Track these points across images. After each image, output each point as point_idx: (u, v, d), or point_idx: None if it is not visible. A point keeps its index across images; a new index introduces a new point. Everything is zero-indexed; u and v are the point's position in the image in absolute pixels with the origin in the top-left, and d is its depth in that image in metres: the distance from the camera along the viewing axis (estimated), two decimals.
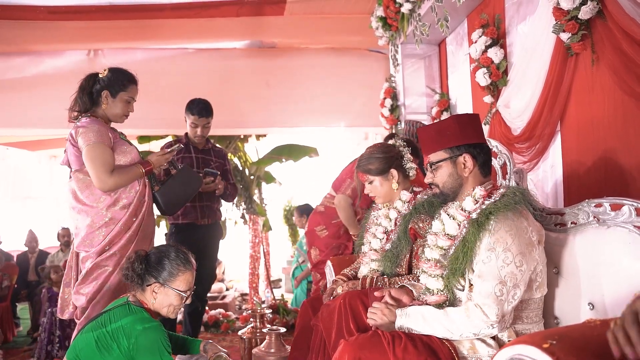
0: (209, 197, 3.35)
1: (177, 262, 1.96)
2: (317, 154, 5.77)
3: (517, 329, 1.64)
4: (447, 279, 1.67)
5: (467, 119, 1.77)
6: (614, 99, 2.02)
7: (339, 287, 2.25)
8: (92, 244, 2.33)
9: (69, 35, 4.49)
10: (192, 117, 3.30)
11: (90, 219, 2.33)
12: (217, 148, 3.56)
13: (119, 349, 1.79)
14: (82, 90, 2.43)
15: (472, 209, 1.68)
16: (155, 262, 1.95)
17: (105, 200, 2.34)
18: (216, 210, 3.46)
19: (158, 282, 1.93)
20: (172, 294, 1.94)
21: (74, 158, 2.37)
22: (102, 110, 2.45)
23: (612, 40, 1.89)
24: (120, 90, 2.44)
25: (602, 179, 2.11)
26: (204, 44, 4.98)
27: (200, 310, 3.56)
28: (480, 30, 2.90)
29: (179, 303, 1.97)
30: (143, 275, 1.94)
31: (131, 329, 1.80)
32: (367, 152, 2.30)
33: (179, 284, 1.95)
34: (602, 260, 1.60)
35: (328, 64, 5.06)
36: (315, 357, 2.12)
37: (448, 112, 3.78)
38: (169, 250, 1.99)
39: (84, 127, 2.33)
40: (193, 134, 3.35)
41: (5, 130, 4.98)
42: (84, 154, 2.30)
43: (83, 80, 2.47)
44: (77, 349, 1.85)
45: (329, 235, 3.34)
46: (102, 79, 2.44)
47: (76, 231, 2.41)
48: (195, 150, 3.37)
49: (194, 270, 2.03)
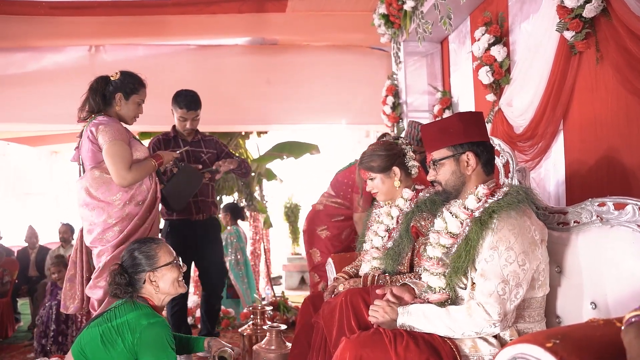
0: (202, 191, 3.27)
1: (146, 245, 2.00)
2: (319, 151, 5.76)
3: (519, 328, 1.63)
4: (449, 277, 1.66)
5: (470, 117, 1.77)
6: (617, 97, 2.02)
7: (340, 285, 2.24)
8: (109, 239, 2.39)
9: (70, 31, 4.48)
10: (180, 111, 3.19)
11: (107, 215, 2.39)
12: (207, 137, 3.42)
13: (124, 344, 1.81)
14: (94, 92, 2.49)
15: (475, 207, 1.67)
16: (130, 262, 1.99)
17: (122, 197, 2.40)
18: (211, 204, 3.38)
19: (146, 271, 1.96)
20: (165, 271, 1.98)
21: (90, 154, 2.42)
22: (115, 111, 2.52)
23: (617, 39, 1.88)
24: (132, 93, 2.53)
25: (605, 178, 2.10)
26: (205, 40, 4.97)
27: (216, 307, 3.56)
28: (483, 28, 2.89)
29: (177, 273, 2.01)
30: (132, 281, 1.96)
31: (136, 324, 1.82)
32: (369, 149, 2.30)
33: (163, 259, 1.99)
34: (605, 259, 1.60)
35: (330, 61, 5.04)
36: (316, 355, 2.12)
37: (450, 110, 3.78)
38: (133, 244, 2.05)
39: (104, 124, 2.40)
40: (182, 127, 3.23)
41: (5, 125, 4.98)
42: (104, 150, 2.37)
43: (94, 82, 2.52)
44: (82, 343, 1.87)
45: (330, 236, 3.27)
46: (114, 81, 2.50)
47: (90, 227, 2.43)
48: (184, 143, 3.25)
49: (163, 241, 2.08)
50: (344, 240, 3.28)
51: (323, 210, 3.34)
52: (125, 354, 1.81)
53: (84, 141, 2.44)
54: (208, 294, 3.52)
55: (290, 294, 5.69)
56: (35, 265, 5.58)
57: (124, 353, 1.81)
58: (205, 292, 3.53)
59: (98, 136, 2.38)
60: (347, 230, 3.26)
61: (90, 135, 2.40)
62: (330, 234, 3.28)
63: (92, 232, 2.42)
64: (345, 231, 3.27)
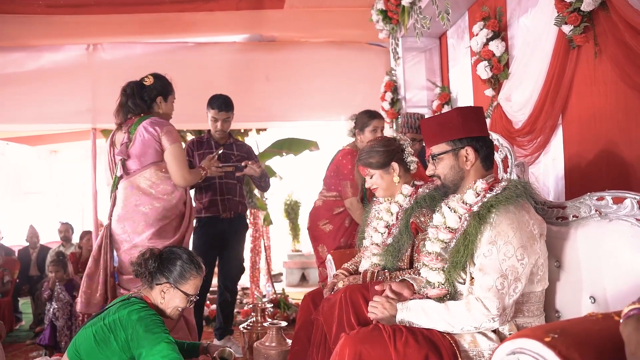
0: (230, 190, 3.47)
1: (190, 266, 1.97)
2: (318, 147, 5.76)
3: (518, 322, 1.64)
4: (448, 272, 1.67)
5: (470, 111, 1.76)
6: (616, 91, 2.01)
7: (340, 282, 2.25)
8: (166, 235, 2.55)
9: (68, 29, 4.47)
10: (212, 112, 3.42)
11: (164, 212, 2.56)
12: (239, 142, 3.67)
13: (117, 342, 1.80)
14: (132, 96, 2.64)
15: (473, 202, 1.67)
16: (168, 262, 1.97)
17: (176, 196, 2.59)
18: (239, 203, 3.55)
19: (169, 282, 1.94)
20: (180, 296, 1.96)
21: (152, 151, 2.55)
22: (157, 112, 2.68)
23: (615, 33, 1.88)
24: (169, 94, 2.73)
25: (604, 172, 2.10)
26: (203, 37, 4.95)
27: (230, 300, 3.68)
28: (482, 23, 2.88)
29: (183, 305, 1.99)
30: (154, 274, 1.95)
31: (127, 320, 1.81)
32: (367, 145, 2.29)
33: (188, 288, 1.97)
34: (603, 253, 1.60)
35: (328, 57, 5.03)
36: (316, 351, 2.12)
37: (449, 105, 3.77)
38: (183, 253, 2.01)
39: (167, 125, 2.58)
40: (214, 129, 3.46)
41: (4, 125, 4.96)
42: (168, 151, 2.53)
43: (128, 88, 2.67)
44: (76, 344, 1.86)
45: (334, 230, 3.31)
46: (151, 86, 2.66)
47: (145, 222, 2.53)
48: (216, 145, 3.47)
49: (203, 276, 2.04)
50: (347, 229, 3.31)
51: (322, 206, 3.41)
52: (118, 352, 1.80)
53: (140, 139, 2.54)
54: (224, 287, 3.67)
55: (290, 291, 5.70)
56: (36, 265, 5.60)
57: (117, 351, 1.80)
58: (222, 286, 3.68)
59: (162, 136, 2.53)
60: (349, 218, 3.30)
61: (155, 133, 2.53)
62: (333, 227, 3.34)
63: (148, 228, 2.53)
64: (347, 219, 3.30)
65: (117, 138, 2.70)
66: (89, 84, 4.65)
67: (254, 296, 5.39)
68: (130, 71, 4.82)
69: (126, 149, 2.58)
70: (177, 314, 2.00)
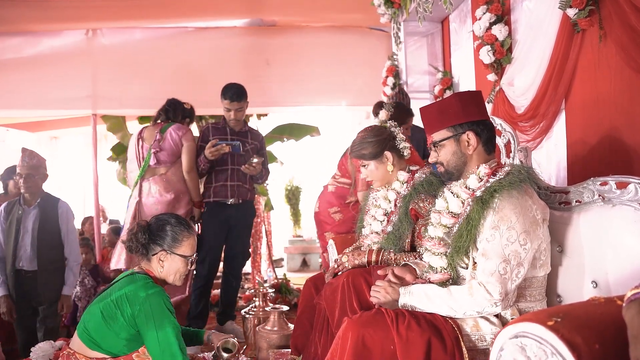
0: (239, 176, 3.52)
1: (180, 228, 1.97)
2: (319, 133, 5.73)
3: (520, 307, 1.64)
4: (451, 257, 1.67)
5: (469, 96, 1.75)
6: (620, 76, 1.99)
7: (344, 256, 2.24)
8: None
9: (66, 14, 4.42)
10: (225, 102, 3.50)
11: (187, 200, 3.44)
12: (254, 131, 3.76)
13: (123, 317, 1.81)
14: (174, 111, 3.51)
15: (476, 186, 1.67)
16: (157, 230, 1.97)
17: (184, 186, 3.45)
18: (247, 190, 3.60)
19: (163, 249, 1.94)
20: (178, 260, 1.96)
21: (176, 148, 3.39)
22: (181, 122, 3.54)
23: (621, 16, 1.85)
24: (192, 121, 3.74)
25: (607, 157, 2.09)
26: (203, 22, 4.90)
27: (234, 286, 3.73)
28: (485, 6, 2.85)
29: (185, 269, 2.00)
30: (147, 245, 1.95)
31: (134, 296, 1.82)
32: (358, 137, 2.27)
33: (184, 249, 1.97)
34: (606, 238, 1.60)
35: (329, 42, 4.99)
36: (318, 335, 2.14)
37: (451, 90, 3.75)
38: (169, 217, 2.01)
39: (186, 131, 3.46)
40: (228, 117, 3.55)
41: (4, 111, 4.94)
42: (185, 147, 3.39)
43: (173, 102, 3.53)
44: (85, 321, 1.88)
45: (343, 220, 3.19)
46: (187, 109, 3.62)
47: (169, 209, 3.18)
48: (231, 132, 3.56)
49: (195, 235, 2.05)
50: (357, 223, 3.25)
51: (335, 192, 3.25)
52: (125, 327, 1.81)
53: (169, 137, 3.37)
54: (228, 272, 3.71)
55: (291, 276, 5.72)
56: None
57: (125, 326, 1.81)
58: (226, 271, 3.72)
59: (182, 138, 3.38)
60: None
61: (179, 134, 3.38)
62: (343, 217, 3.22)
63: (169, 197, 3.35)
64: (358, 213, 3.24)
65: (146, 134, 3.45)
66: (89, 70, 4.62)
67: (255, 281, 5.42)
68: (130, 56, 4.83)
69: (158, 144, 3.36)
70: (181, 279, 2.01)
